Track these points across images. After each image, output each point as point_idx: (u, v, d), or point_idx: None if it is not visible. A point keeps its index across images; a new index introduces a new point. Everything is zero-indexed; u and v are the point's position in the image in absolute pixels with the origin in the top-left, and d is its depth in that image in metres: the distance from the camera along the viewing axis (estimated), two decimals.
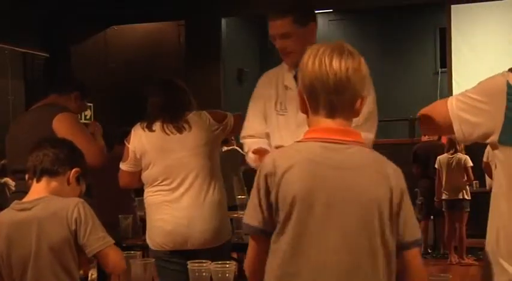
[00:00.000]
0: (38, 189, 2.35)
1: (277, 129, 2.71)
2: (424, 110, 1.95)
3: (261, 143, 2.73)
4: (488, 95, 1.74)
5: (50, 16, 8.56)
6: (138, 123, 3.30)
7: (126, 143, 3.31)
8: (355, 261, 1.59)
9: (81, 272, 2.34)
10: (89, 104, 8.69)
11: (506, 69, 1.79)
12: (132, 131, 3.31)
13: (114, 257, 2.28)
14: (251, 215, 1.67)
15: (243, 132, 2.88)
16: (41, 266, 2.22)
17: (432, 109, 1.90)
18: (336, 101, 1.62)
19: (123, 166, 3.36)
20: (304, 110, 1.70)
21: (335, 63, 1.60)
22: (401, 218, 1.63)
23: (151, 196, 3.26)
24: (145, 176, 3.28)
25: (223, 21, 9.43)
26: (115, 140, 5.33)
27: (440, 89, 11.10)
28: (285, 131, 2.66)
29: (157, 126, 3.21)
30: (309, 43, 2.60)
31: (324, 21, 12.22)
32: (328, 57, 1.61)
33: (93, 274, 2.46)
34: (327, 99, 1.62)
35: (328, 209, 1.59)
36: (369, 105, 2.43)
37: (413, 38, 11.65)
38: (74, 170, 2.40)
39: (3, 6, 7.51)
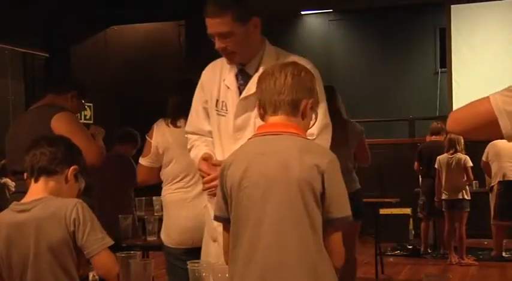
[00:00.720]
0: (36, 189, 2.33)
1: (217, 131, 2.55)
2: (458, 110, 1.81)
3: (207, 144, 2.58)
4: None
5: (50, 16, 8.55)
6: (161, 119, 3.33)
7: (148, 138, 3.33)
8: (281, 234, 1.84)
9: (81, 272, 2.34)
10: (89, 104, 8.69)
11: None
12: (155, 126, 3.33)
13: (107, 260, 2.26)
14: (215, 206, 2.01)
15: (188, 128, 2.70)
16: (40, 267, 2.22)
17: (469, 109, 1.77)
18: (278, 100, 1.94)
19: (142, 161, 3.37)
20: (261, 116, 2.01)
21: (276, 72, 1.97)
22: (327, 197, 1.86)
23: (171, 194, 3.29)
24: (165, 172, 3.30)
25: None
26: (115, 140, 5.33)
27: (440, 89, 11.10)
28: (224, 133, 2.51)
29: (182, 122, 3.23)
30: (252, 40, 2.45)
31: (324, 21, 12.22)
32: (272, 69, 1.99)
33: (95, 275, 2.46)
34: (271, 100, 1.95)
35: (256, 189, 1.87)
36: (323, 117, 2.39)
37: (413, 38, 11.64)
38: (72, 168, 2.38)
39: (3, 6, 7.50)
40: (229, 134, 2.47)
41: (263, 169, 1.88)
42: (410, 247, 8.07)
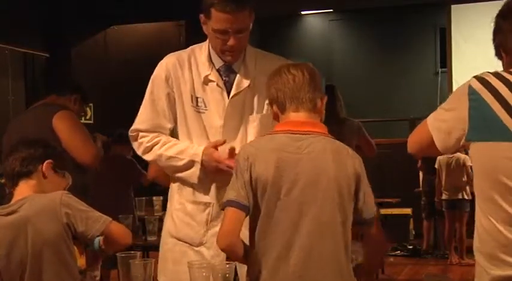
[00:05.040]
0: (21, 192, 2.34)
1: (197, 128, 2.40)
2: (412, 134, 2.03)
3: (177, 142, 2.42)
4: (455, 101, 1.86)
5: (50, 16, 8.55)
6: None
7: None
8: (317, 236, 1.90)
9: (79, 264, 2.33)
10: (89, 104, 8.68)
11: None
12: None
13: (118, 230, 2.30)
14: (231, 190, 1.95)
15: (141, 125, 2.49)
16: (39, 265, 2.21)
17: (416, 132, 1.99)
18: (299, 96, 1.97)
19: None
20: (276, 118, 2.03)
21: (292, 70, 1.99)
22: (360, 199, 1.96)
23: None
24: None
25: None
26: (112, 141, 5.34)
27: (440, 89, 11.10)
28: (209, 130, 2.38)
29: None
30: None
31: (324, 21, 12.22)
32: (285, 68, 2.00)
33: (96, 275, 2.45)
34: (292, 97, 1.97)
35: (294, 189, 1.90)
36: None
37: (413, 38, 11.64)
38: (45, 162, 2.38)
39: (3, 6, 7.50)
40: (214, 131, 2.38)
41: (299, 170, 1.91)
42: (411, 247, 8.07)
